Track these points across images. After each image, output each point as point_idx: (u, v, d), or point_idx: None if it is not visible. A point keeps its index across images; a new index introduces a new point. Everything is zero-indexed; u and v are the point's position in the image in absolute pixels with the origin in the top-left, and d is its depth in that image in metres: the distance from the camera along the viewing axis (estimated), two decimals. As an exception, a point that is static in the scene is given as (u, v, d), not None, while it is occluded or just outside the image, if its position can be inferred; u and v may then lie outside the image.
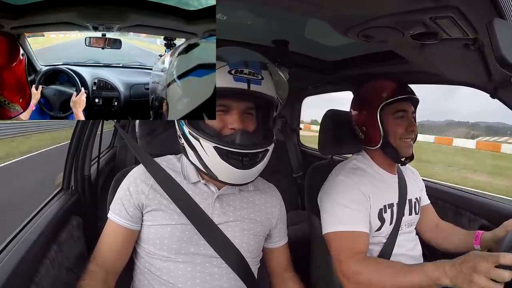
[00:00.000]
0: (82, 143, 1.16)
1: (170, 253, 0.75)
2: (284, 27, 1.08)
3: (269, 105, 0.78)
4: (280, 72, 0.78)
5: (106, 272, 0.75)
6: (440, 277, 0.70)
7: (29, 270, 0.68)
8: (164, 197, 0.78)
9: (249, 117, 0.76)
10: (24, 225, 0.83)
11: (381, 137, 0.98)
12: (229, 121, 0.73)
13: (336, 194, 0.96)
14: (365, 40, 0.70)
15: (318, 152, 1.28)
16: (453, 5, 0.50)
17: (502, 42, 0.48)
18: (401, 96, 0.97)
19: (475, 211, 1.20)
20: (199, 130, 0.72)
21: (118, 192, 0.81)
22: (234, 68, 0.69)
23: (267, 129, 0.81)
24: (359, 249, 0.90)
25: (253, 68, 0.71)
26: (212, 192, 0.80)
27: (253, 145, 0.72)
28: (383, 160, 1.04)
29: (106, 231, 0.79)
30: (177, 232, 0.75)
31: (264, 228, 0.85)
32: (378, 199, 0.97)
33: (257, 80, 0.71)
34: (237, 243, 0.78)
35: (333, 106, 1.24)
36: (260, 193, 0.88)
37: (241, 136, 0.71)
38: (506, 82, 0.86)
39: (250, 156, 0.70)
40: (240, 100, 0.73)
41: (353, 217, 0.93)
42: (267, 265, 0.94)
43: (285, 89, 0.82)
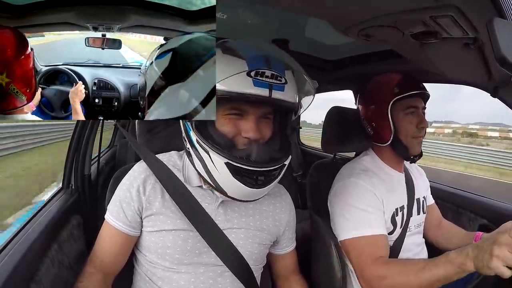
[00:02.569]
0: (82, 142, 1.16)
1: (172, 263, 0.71)
2: (284, 26, 1.08)
3: (289, 111, 0.70)
4: (306, 77, 0.66)
5: (103, 274, 0.73)
6: (464, 261, 0.67)
7: (29, 269, 0.68)
8: (165, 198, 0.73)
9: (267, 122, 0.67)
10: (25, 224, 0.83)
11: (391, 133, 0.95)
12: (244, 128, 0.64)
13: (350, 197, 0.92)
14: (365, 39, 0.70)
15: (320, 150, 1.27)
16: (453, 4, 0.50)
17: (502, 42, 0.48)
18: (413, 92, 0.94)
19: (475, 211, 1.20)
20: (208, 139, 0.62)
21: (117, 192, 0.75)
22: (255, 69, 0.59)
23: (285, 137, 0.72)
24: (380, 254, 0.86)
25: (275, 69, 0.60)
26: (216, 196, 0.74)
27: (270, 161, 0.63)
28: (392, 158, 1.02)
29: (103, 233, 0.76)
30: (180, 241, 0.71)
31: (270, 237, 0.80)
32: (391, 203, 0.95)
33: (280, 85, 0.61)
34: (240, 250, 0.74)
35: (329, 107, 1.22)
36: (269, 198, 0.81)
37: (257, 150, 0.62)
38: (506, 82, 0.86)
39: (266, 174, 0.62)
40: (257, 105, 0.64)
41: (371, 220, 0.89)
42: (274, 269, 0.91)
43: (310, 95, 0.71)
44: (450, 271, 0.69)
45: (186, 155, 0.72)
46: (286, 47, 1.22)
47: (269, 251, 0.86)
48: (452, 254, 0.70)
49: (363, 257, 0.86)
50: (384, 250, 0.88)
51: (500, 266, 0.60)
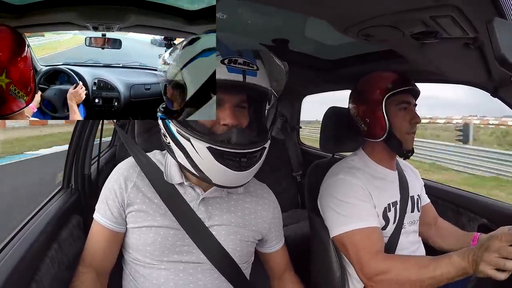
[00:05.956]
0: (82, 142, 1.16)
1: (153, 260, 0.73)
2: (283, 26, 1.08)
3: (263, 98, 0.73)
4: (277, 60, 0.69)
5: (95, 272, 0.75)
6: (466, 266, 0.70)
7: (29, 268, 0.68)
8: (146, 195, 0.75)
9: (242, 111, 0.70)
10: (25, 223, 0.83)
11: (386, 128, 0.97)
12: (221, 116, 0.66)
13: (340, 193, 0.93)
14: (365, 39, 0.70)
15: (319, 150, 1.27)
16: (453, 4, 0.50)
17: (502, 41, 0.48)
18: (406, 88, 0.97)
19: (475, 210, 1.20)
20: (188, 128, 0.64)
21: (103, 191, 0.78)
22: (228, 57, 0.62)
23: (261, 124, 0.75)
24: (377, 247, 0.87)
25: (247, 57, 0.64)
26: (197, 194, 0.75)
27: (250, 143, 0.66)
28: (383, 155, 1.03)
29: (92, 232, 0.78)
30: (159, 238, 0.72)
31: (254, 233, 0.81)
32: (382, 198, 0.96)
33: (252, 71, 0.64)
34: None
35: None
36: (251, 196, 0.83)
37: (237, 134, 0.64)
38: (506, 81, 0.86)
39: (248, 156, 0.64)
40: (232, 92, 0.67)
41: (362, 213, 0.90)
42: (266, 268, 0.92)
43: (281, 81, 0.74)
44: (452, 274, 0.72)
45: (167, 151, 0.73)
46: (286, 47, 1.22)
47: (259, 250, 0.88)
48: (455, 257, 0.72)
49: (361, 252, 0.86)
50: (379, 243, 0.89)
51: (488, 270, 0.66)
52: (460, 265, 0.71)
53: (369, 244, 0.87)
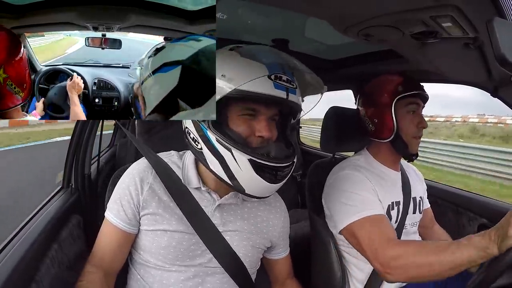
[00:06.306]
0: (82, 142, 1.16)
1: (165, 263, 0.73)
2: (283, 26, 1.08)
3: (294, 113, 0.75)
4: (318, 82, 0.74)
5: (103, 272, 0.74)
6: (488, 245, 0.66)
7: (29, 268, 0.68)
8: (162, 199, 0.74)
9: (273, 124, 0.72)
10: (25, 223, 0.83)
11: (393, 130, 0.98)
12: (257, 128, 0.68)
13: (347, 186, 0.94)
14: (365, 39, 0.70)
15: (319, 150, 1.27)
16: (453, 4, 0.50)
17: (502, 41, 0.48)
18: (416, 91, 0.98)
19: (475, 210, 1.20)
20: (229, 138, 0.65)
21: (116, 190, 0.77)
22: (274, 73, 0.64)
23: (287, 137, 0.77)
24: (390, 233, 0.86)
25: (288, 74, 0.67)
26: (213, 199, 0.76)
27: (286, 157, 0.68)
28: (388, 156, 1.03)
29: (103, 231, 0.77)
30: (174, 243, 0.73)
31: (264, 241, 0.82)
32: (385, 196, 0.96)
33: (293, 89, 0.67)
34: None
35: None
36: (264, 205, 0.84)
37: (275, 148, 0.68)
38: (506, 81, 0.86)
39: (283, 169, 0.67)
40: (271, 106, 0.69)
41: (371, 202, 0.90)
42: (270, 274, 0.92)
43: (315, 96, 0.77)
44: (474, 255, 0.68)
45: (196, 155, 0.72)
46: (286, 47, 1.22)
47: (265, 256, 0.88)
48: (475, 238, 0.69)
49: (374, 238, 0.84)
50: (391, 229, 0.88)
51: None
52: (481, 244, 0.67)
53: (381, 230, 0.85)
